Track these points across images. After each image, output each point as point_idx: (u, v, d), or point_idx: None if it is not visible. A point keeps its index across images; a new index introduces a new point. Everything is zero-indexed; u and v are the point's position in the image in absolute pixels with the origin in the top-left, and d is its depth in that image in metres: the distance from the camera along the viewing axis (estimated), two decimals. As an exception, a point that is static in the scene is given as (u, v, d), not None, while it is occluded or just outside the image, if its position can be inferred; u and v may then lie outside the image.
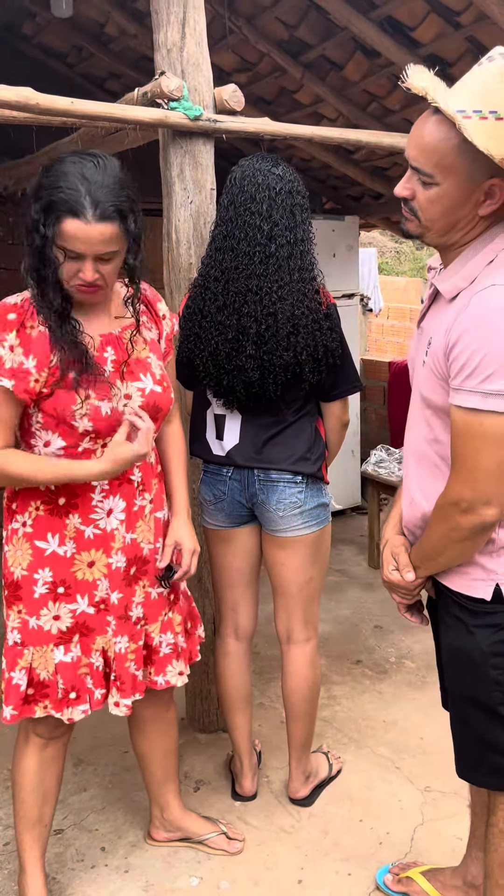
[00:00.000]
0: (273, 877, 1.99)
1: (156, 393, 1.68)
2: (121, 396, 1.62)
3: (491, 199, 1.31)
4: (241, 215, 1.87)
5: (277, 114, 3.90)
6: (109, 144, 2.40)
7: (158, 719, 1.95)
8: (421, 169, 1.31)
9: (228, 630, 2.22)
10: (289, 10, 3.12)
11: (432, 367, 1.39)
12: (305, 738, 2.21)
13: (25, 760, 1.81)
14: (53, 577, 1.67)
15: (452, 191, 1.31)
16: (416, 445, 1.52)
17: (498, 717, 1.47)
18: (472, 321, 1.28)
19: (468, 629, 1.47)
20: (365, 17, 2.95)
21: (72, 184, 1.45)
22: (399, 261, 13.88)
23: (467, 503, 1.34)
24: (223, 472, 2.05)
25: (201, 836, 2.06)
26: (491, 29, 2.79)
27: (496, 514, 1.34)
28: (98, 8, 3.55)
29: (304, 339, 1.87)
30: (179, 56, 2.13)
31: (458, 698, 1.55)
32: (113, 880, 1.99)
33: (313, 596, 2.14)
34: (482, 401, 1.27)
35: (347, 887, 1.96)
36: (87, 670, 1.72)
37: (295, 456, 1.98)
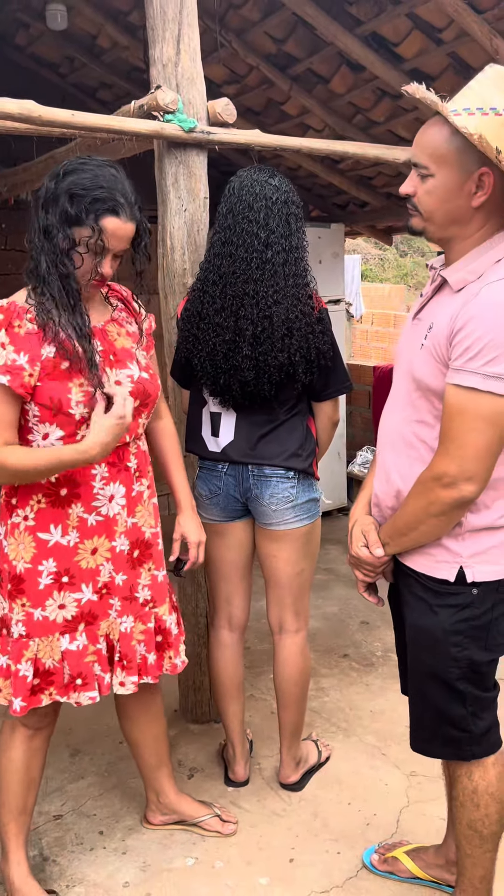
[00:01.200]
0: (265, 856, 2.08)
1: (143, 379, 1.77)
2: (111, 383, 1.69)
3: (482, 190, 1.42)
4: (239, 223, 1.96)
5: (265, 124, 4.01)
6: (106, 153, 2.48)
7: (148, 706, 2.02)
8: (419, 163, 1.46)
9: (222, 621, 2.30)
10: (277, 26, 3.22)
11: (432, 349, 1.47)
12: (296, 725, 2.29)
13: (13, 751, 1.86)
14: (58, 567, 1.73)
15: (446, 180, 1.43)
16: (397, 427, 1.60)
17: (455, 691, 1.57)
18: (481, 309, 1.37)
19: (431, 609, 1.56)
20: (350, 33, 3.06)
21: (110, 183, 1.59)
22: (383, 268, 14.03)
23: (451, 478, 1.42)
24: (218, 468, 2.13)
25: (196, 818, 2.14)
26: (471, 46, 2.91)
27: (476, 491, 1.42)
28: (91, 20, 3.64)
29: (297, 341, 1.97)
30: (174, 71, 2.23)
31: (419, 674, 1.64)
32: (111, 861, 2.07)
33: (304, 588, 2.23)
34: (482, 381, 1.36)
35: (337, 865, 2.04)
36: (94, 658, 1.78)
37: (287, 452, 2.07)
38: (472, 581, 1.52)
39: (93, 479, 1.72)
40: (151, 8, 2.21)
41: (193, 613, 2.57)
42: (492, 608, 1.54)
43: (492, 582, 1.52)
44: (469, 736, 1.60)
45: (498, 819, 1.64)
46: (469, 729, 1.59)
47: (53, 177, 1.63)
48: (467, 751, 1.61)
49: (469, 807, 1.64)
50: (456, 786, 1.67)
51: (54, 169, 1.65)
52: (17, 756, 1.86)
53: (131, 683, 1.82)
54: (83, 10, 3.56)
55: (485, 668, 1.57)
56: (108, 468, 1.74)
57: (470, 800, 1.64)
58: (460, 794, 1.66)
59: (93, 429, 1.63)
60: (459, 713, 1.59)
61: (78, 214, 1.58)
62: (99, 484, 1.73)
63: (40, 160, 2.84)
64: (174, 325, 2.36)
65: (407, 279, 13.77)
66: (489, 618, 1.54)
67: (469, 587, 1.52)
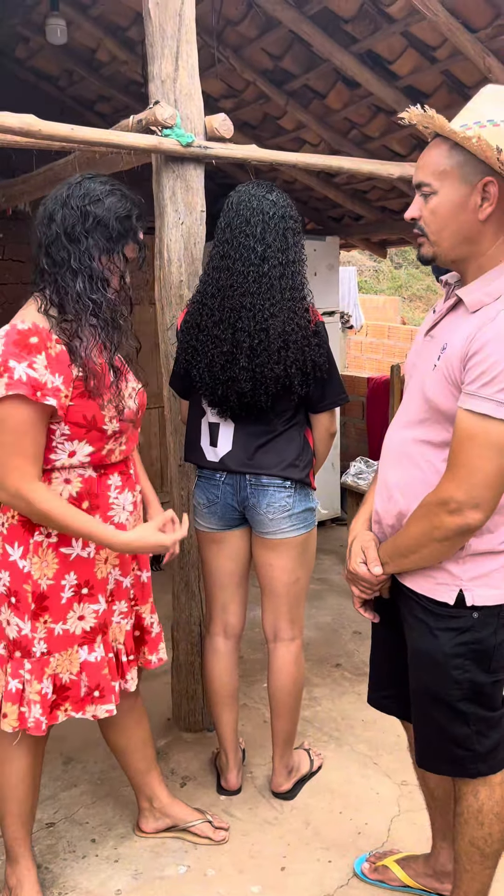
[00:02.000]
0: (257, 864, 2.09)
1: (143, 392, 1.87)
2: (127, 395, 1.76)
3: (487, 201, 1.40)
4: (237, 237, 2.00)
5: (262, 138, 4.06)
6: (104, 167, 2.52)
7: (132, 710, 2.03)
8: (421, 182, 1.44)
9: (218, 629, 2.32)
10: (274, 42, 3.27)
11: (444, 371, 1.44)
12: (289, 734, 2.31)
13: (20, 760, 1.86)
14: (78, 580, 1.75)
15: (450, 194, 1.41)
16: (403, 445, 1.57)
17: (458, 711, 1.56)
18: (498, 333, 1.35)
19: (431, 632, 1.54)
20: (346, 51, 3.11)
21: (128, 210, 1.66)
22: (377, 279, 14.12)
23: (457, 504, 1.39)
24: (216, 477, 2.16)
25: (188, 822, 2.15)
26: (464, 64, 2.96)
27: (482, 519, 1.40)
28: (91, 35, 3.69)
29: (293, 353, 2.00)
30: (173, 87, 2.27)
31: (421, 695, 1.62)
32: (103, 869, 2.07)
33: (299, 596, 2.25)
34: (495, 408, 1.34)
35: (328, 873, 2.05)
36: (107, 669, 1.80)
37: (284, 462, 2.10)
38: (472, 605, 1.50)
39: (108, 490, 1.76)
40: (150, 25, 2.25)
41: (187, 622, 2.59)
42: (494, 633, 1.52)
43: (493, 606, 1.50)
44: (473, 754, 1.58)
45: (501, 838, 1.63)
46: (473, 748, 1.57)
47: (88, 200, 1.65)
48: (472, 769, 1.59)
49: (473, 824, 1.62)
50: (461, 802, 1.64)
51: (76, 190, 1.67)
52: (24, 765, 1.86)
53: (131, 680, 1.88)
54: (83, 25, 3.61)
55: (489, 689, 1.55)
56: (120, 477, 1.78)
57: (474, 818, 1.62)
58: (465, 811, 1.63)
59: (140, 532, 1.73)
60: (463, 733, 1.57)
61: (108, 243, 1.65)
62: (114, 494, 1.77)
63: (39, 172, 2.88)
64: (171, 336, 2.39)
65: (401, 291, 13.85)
66: (492, 642, 1.52)
67: (469, 611, 1.50)
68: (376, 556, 1.61)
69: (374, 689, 1.85)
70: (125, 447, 1.78)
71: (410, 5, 2.68)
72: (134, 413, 1.78)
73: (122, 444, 1.76)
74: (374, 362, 8.99)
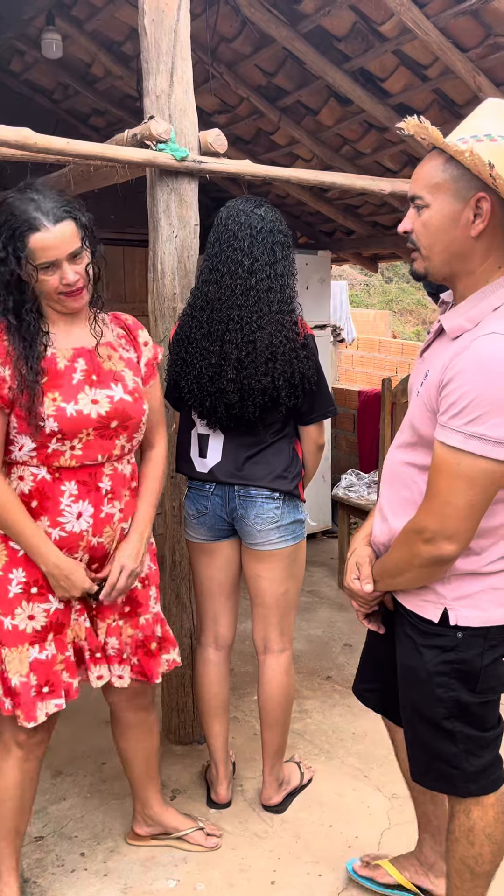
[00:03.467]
0: (247, 878, 2.08)
1: (125, 401, 1.78)
2: (88, 401, 1.73)
3: (480, 217, 1.37)
4: (225, 251, 2.02)
5: (255, 153, 4.09)
6: (99, 180, 2.53)
7: (141, 722, 2.04)
8: (415, 195, 1.43)
9: (209, 640, 2.32)
10: (267, 59, 3.31)
11: (424, 398, 1.45)
12: (279, 746, 2.30)
13: (7, 775, 1.86)
14: (27, 577, 1.76)
15: (442, 208, 1.39)
16: (396, 467, 1.58)
17: (442, 729, 1.55)
18: (468, 364, 1.33)
19: (417, 648, 1.55)
20: (338, 68, 3.15)
21: (21, 208, 1.64)
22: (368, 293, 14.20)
23: (430, 534, 1.40)
24: (206, 488, 2.17)
25: (180, 831, 2.15)
26: (456, 82, 3.00)
27: (455, 550, 1.40)
28: (85, 49, 3.72)
29: (281, 365, 2.01)
30: (167, 102, 2.29)
31: (409, 710, 1.62)
32: (92, 883, 2.06)
33: (289, 608, 2.26)
34: (463, 441, 1.33)
35: (318, 887, 2.05)
36: (62, 666, 1.80)
37: (273, 474, 2.11)
38: (456, 624, 1.49)
39: (61, 496, 1.75)
40: (146, 41, 2.28)
41: (178, 634, 2.58)
42: (480, 654, 1.50)
43: (478, 628, 1.49)
44: (462, 773, 1.56)
45: (492, 859, 1.61)
46: (461, 767, 1.56)
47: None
48: (462, 787, 1.58)
49: (464, 843, 1.61)
50: (453, 820, 1.64)
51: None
52: (11, 778, 1.85)
53: (107, 671, 1.86)
54: (78, 40, 3.64)
55: (478, 710, 1.54)
56: (77, 486, 1.76)
57: (465, 837, 1.61)
58: (456, 830, 1.63)
59: (71, 567, 1.75)
60: (450, 751, 1.55)
61: (2, 252, 1.64)
62: (67, 501, 1.76)
63: (33, 184, 2.89)
64: (164, 348, 2.40)
65: (392, 305, 13.94)
66: (478, 664, 1.50)
67: (453, 630, 1.49)
68: (369, 573, 1.62)
69: (358, 679, 1.86)
70: (80, 453, 1.74)
71: (402, 25, 2.72)
72: (94, 420, 1.73)
73: (74, 449, 1.73)
74: (364, 376, 9.03)
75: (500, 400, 1.30)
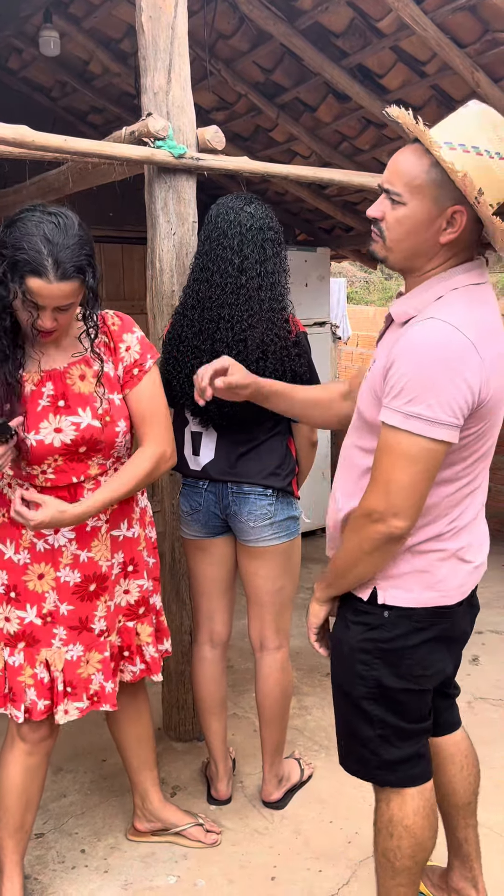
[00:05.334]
0: (247, 874, 2.08)
1: (93, 427, 1.72)
2: (51, 430, 1.70)
3: (452, 228, 1.40)
4: (215, 249, 2.03)
5: (253, 150, 4.09)
6: (96, 177, 2.53)
7: (127, 706, 2.03)
8: (391, 189, 1.42)
9: (204, 637, 2.32)
10: (265, 56, 3.31)
11: (371, 382, 1.49)
12: (278, 742, 2.31)
13: (11, 768, 1.87)
14: (8, 581, 1.78)
15: (418, 211, 1.40)
16: (344, 451, 1.62)
17: (360, 710, 1.55)
18: (405, 349, 1.37)
19: (346, 623, 1.57)
20: (336, 65, 3.15)
21: (35, 245, 1.54)
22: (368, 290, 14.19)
23: (379, 514, 1.41)
24: (199, 485, 2.18)
25: (179, 826, 2.16)
26: (453, 79, 3.01)
27: (405, 526, 1.41)
28: (83, 47, 3.72)
29: (272, 363, 2.02)
30: (165, 99, 2.29)
31: (334, 686, 1.63)
32: (93, 880, 2.06)
33: (284, 605, 2.26)
34: (403, 420, 1.36)
35: (318, 883, 2.05)
36: (31, 681, 1.79)
37: (266, 471, 2.12)
38: (384, 603, 1.50)
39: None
40: (143, 38, 2.28)
41: (178, 631, 2.59)
42: (405, 635, 1.51)
43: (405, 608, 1.50)
44: (378, 759, 1.56)
45: (411, 854, 1.58)
46: (377, 752, 1.55)
47: (11, 221, 1.61)
48: (378, 775, 1.58)
49: (384, 834, 1.60)
50: (376, 810, 1.63)
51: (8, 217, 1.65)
52: (15, 773, 1.87)
53: (75, 710, 1.82)
54: (76, 37, 3.64)
55: (399, 697, 1.53)
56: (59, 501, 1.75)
57: (385, 827, 1.60)
58: (378, 820, 1.62)
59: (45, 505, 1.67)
60: (367, 734, 1.55)
61: (3, 273, 1.57)
62: None
63: (32, 182, 2.89)
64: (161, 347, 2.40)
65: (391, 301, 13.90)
66: (401, 644, 1.51)
67: (381, 608, 1.51)
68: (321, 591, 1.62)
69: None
70: (53, 476, 1.73)
71: (400, 20, 2.72)
72: (59, 448, 1.70)
73: (46, 473, 1.72)
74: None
75: (432, 381, 1.34)
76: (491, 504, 4.96)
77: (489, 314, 1.43)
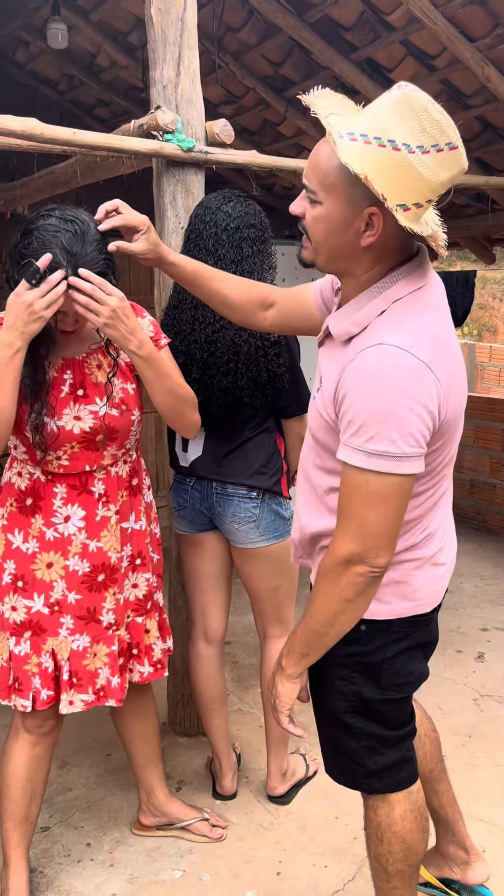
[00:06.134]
0: (252, 869, 2.09)
1: (110, 416, 1.74)
2: (71, 417, 1.72)
3: (371, 231, 1.28)
4: (191, 251, 2.04)
5: (261, 144, 4.08)
6: (105, 171, 2.53)
7: (133, 704, 2.03)
8: (308, 186, 1.30)
9: (199, 634, 2.33)
10: (274, 49, 3.29)
11: (320, 405, 1.39)
12: (282, 733, 2.30)
13: (15, 759, 1.88)
14: (16, 571, 1.79)
15: (333, 212, 1.28)
16: (305, 466, 1.53)
17: (343, 723, 1.51)
18: (356, 380, 1.26)
19: None
20: (345, 58, 3.13)
21: (55, 258, 1.52)
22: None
23: (358, 556, 1.31)
24: (187, 482, 2.20)
25: (185, 821, 2.16)
26: (464, 73, 2.99)
27: (386, 562, 1.33)
28: (91, 40, 3.70)
29: (244, 365, 2.01)
30: (174, 92, 2.28)
31: (315, 702, 1.59)
32: (99, 873, 2.07)
33: (283, 601, 2.26)
34: (366, 460, 1.26)
35: (324, 879, 2.05)
36: (35, 669, 1.80)
37: (251, 470, 2.11)
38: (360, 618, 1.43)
39: (53, 497, 1.77)
40: (153, 30, 2.26)
41: (184, 626, 2.59)
42: (383, 647, 1.46)
43: (381, 621, 1.45)
44: (364, 770, 1.53)
45: (403, 857, 1.57)
46: (363, 763, 1.52)
47: (19, 231, 1.60)
48: (365, 783, 1.56)
49: (374, 840, 1.60)
50: (365, 817, 1.61)
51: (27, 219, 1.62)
52: (20, 764, 1.87)
53: (80, 702, 1.81)
54: (83, 30, 3.63)
55: (381, 707, 1.49)
56: (67, 489, 1.77)
57: (375, 833, 1.59)
58: (367, 826, 1.61)
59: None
60: (351, 746, 1.52)
61: (18, 280, 1.56)
62: (58, 502, 1.77)
63: (39, 176, 2.88)
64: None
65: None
66: (380, 657, 1.47)
67: (357, 623, 1.42)
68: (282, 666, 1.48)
69: None
70: (67, 463, 1.74)
71: (410, 14, 2.70)
72: (77, 435, 1.71)
73: (61, 459, 1.73)
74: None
75: (391, 414, 1.23)
76: (498, 502, 4.95)
77: (435, 321, 1.32)
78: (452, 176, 1.24)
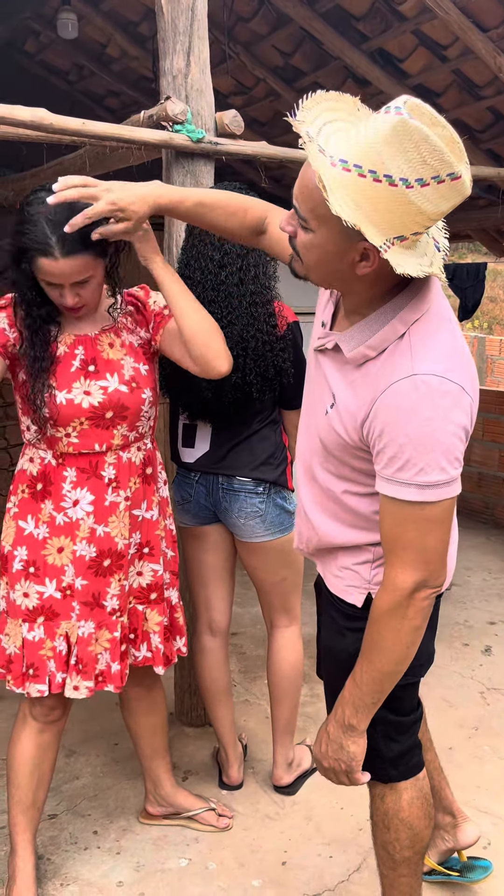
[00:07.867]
0: (258, 858, 2.10)
1: (120, 392, 1.75)
2: (80, 391, 1.73)
3: (366, 262, 1.20)
4: (196, 245, 2.03)
5: (271, 135, 4.06)
6: (114, 161, 2.52)
7: (142, 698, 2.05)
8: (298, 210, 1.21)
9: (203, 627, 2.33)
10: (284, 39, 3.28)
11: (338, 428, 1.36)
12: (288, 721, 2.31)
13: (22, 745, 1.89)
14: (28, 557, 1.80)
15: (326, 243, 1.20)
16: (309, 464, 1.51)
17: None
18: (395, 416, 1.23)
19: (341, 631, 1.52)
20: (357, 49, 3.11)
21: (39, 227, 1.57)
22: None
23: (423, 583, 1.31)
24: (191, 476, 2.19)
25: (191, 811, 2.17)
26: (476, 63, 2.97)
27: (442, 579, 1.35)
28: (101, 30, 3.70)
29: (252, 360, 2.01)
30: (184, 82, 2.27)
31: (331, 690, 1.59)
32: (105, 861, 2.08)
33: (288, 592, 2.26)
34: (419, 493, 1.25)
35: (329, 869, 2.06)
36: (50, 653, 1.81)
37: (257, 461, 2.11)
38: None
39: (63, 481, 1.77)
40: (163, 20, 2.26)
41: (189, 619, 2.59)
42: None
43: None
44: (381, 758, 1.53)
45: (410, 844, 1.58)
46: (380, 751, 1.52)
47: (21, 204, 1.63)
48: (382, 772, 1.55)
49: (381, 828, 1.61)
50: (371, 805, 1.64)
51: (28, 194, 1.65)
52: (27, 750, 1.89)
53: (85, 688, 1.82)
54: (94, 20, 3.62)
55: (397, 693, 1.46)
56: (77, 473, 1.77)
57: (381, 821, 1.60)
58: (374, 814, 1.62)
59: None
60: (368, 734, 1.49)
61: (15, 255, 1.62)
62: (67, 486, 1.78)
63: (49, 166, 2.89)
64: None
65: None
66: None
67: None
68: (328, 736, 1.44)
69: (318, 662, 1.83)
70: (77, 441, 1.75)
71: (422, 3, 2.68)
72: (86, 410, 1.72)
73: (70, 437, 1.74)
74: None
75: (437, 443, 1.22)
76: (505, 495, 4.93)
77: (452, 334, 1.29)
78: (454, 205, 1.17)
